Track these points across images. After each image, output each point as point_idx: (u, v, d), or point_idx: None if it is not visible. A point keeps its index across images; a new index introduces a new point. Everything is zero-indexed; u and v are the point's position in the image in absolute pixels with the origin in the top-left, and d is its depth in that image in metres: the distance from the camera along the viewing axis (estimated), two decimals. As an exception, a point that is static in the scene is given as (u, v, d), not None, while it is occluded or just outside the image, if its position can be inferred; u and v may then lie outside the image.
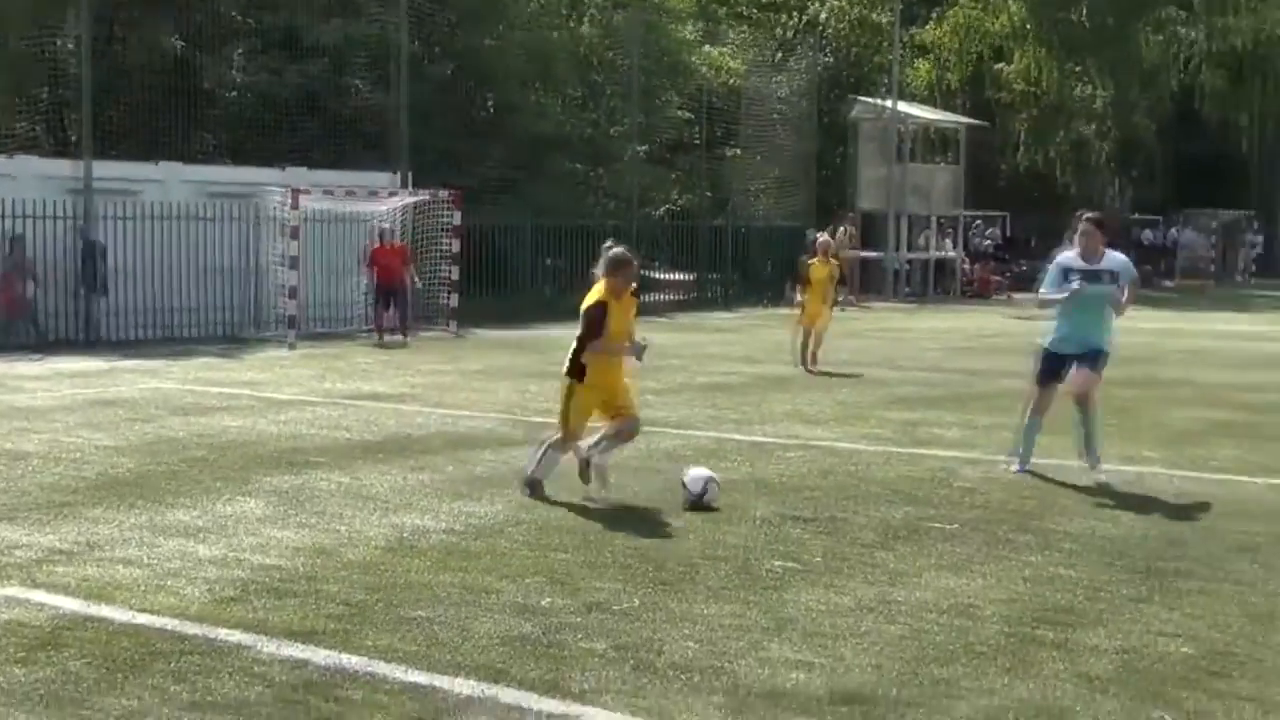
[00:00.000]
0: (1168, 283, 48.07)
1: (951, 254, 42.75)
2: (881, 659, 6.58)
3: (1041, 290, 11.71)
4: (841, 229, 35.08)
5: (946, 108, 46.87)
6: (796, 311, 20.40)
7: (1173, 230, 53.13)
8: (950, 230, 43.39)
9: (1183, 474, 11.68)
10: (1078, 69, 49.90)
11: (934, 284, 41.75)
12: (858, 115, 42.10)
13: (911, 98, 45.74)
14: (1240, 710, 5.97)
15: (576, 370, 10.41)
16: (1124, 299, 11.44)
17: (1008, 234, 48.43)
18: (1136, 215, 53.88)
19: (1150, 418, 14.77)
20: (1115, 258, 11.53)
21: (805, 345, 19.77)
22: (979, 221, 45.96)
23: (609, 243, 10.73)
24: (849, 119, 42.63)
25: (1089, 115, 51.06)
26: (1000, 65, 49.58)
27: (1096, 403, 11.56)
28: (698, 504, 9.96)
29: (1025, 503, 10.37)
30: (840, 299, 27.11)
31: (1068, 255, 11.53)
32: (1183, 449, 12.99)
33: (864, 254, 39.67)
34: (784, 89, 41.63)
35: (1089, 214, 11.67)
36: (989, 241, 45.52)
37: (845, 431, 13.99)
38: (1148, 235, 51.91)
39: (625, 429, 10.54)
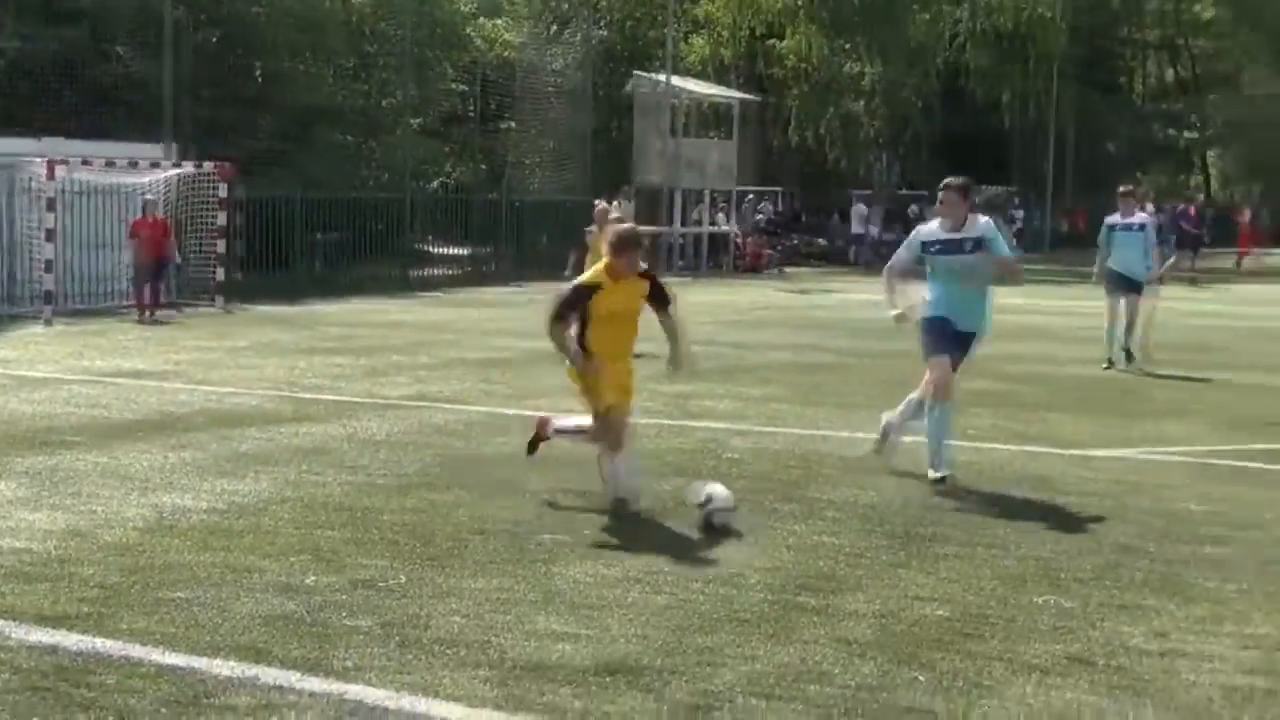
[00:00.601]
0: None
1: (725, 228, 43.29)
2: (647, 629, 6.63)
3: (893, 262, 10.62)
4: (615, 203, 35.21)
5: (721, 83, 47.43)
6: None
7: (938, 204, 54.61)
8: (724, 205, 43.93)
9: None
10: (847, 47, 50.98)
11: (708, 258, 42.22)
12: (634, 89, 42.30)
13: (687, 73, 46.15)
14: (991, 669, 6.16)
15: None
16: (1000, 267, 10.36)
17: (780, 208, 49.24)
18: (904, 190, 55.25)
19: (914, 388, 15.08)
20: (980, 223, 10.39)
21: None
22: (752, 196, 46.64)
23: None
24: (625, 93, 42.83)
25: (858, 92, 52.20)
26: (773, 42, 50.38)
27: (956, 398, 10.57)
28: (713, 524, 8.66)
29: (790, 473, 10.56)
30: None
31: (929, 227, 10.52)
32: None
33: (642, 228, 39.86)
34: (559, 62, 41.61)
35: (951, 180, 10.51)
36: (762, 216, 46.21)
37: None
38: (914, 210, 53.22)
39: (609, 429, 9.45)
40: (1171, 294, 23.70)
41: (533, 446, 10.27)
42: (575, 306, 9.35)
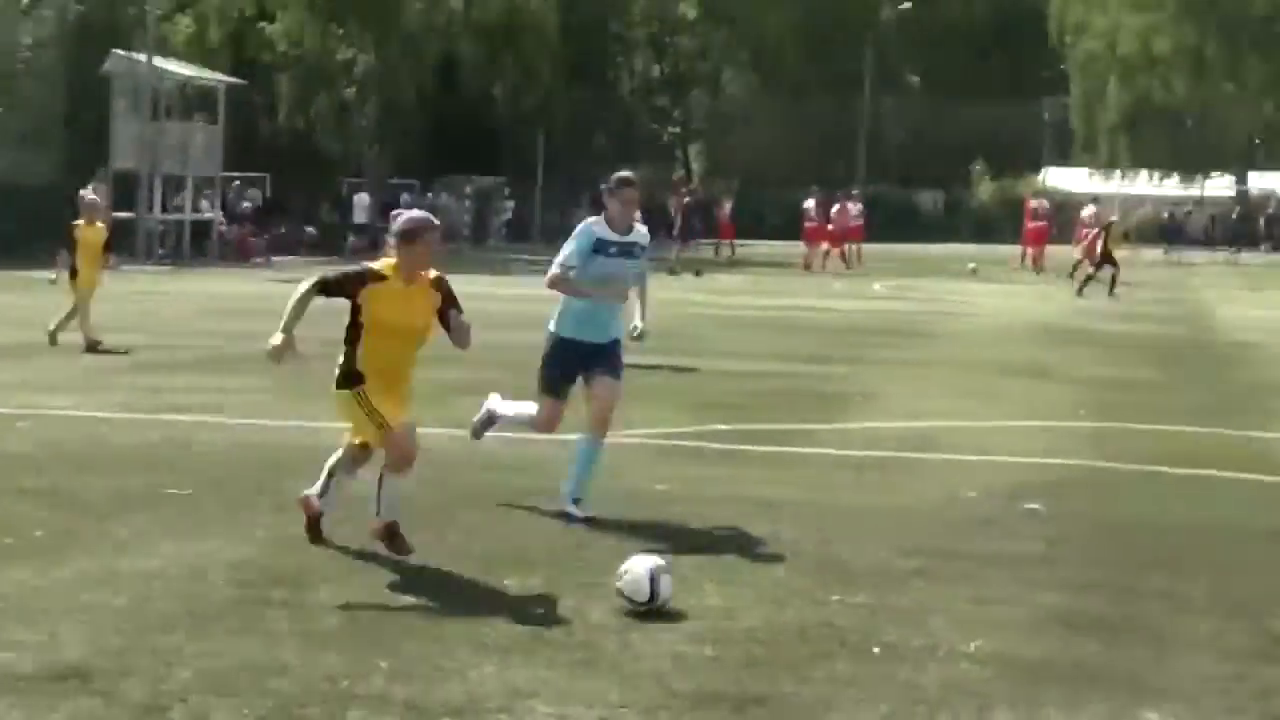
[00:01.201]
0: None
1: (209, 216, 42.14)
2: (101, 632, 6.36)
3: (561, 262, 9.14)
4: (90, 187, 33.62)
5: (209, 65, 46.04)
6: (65, 279, 18.06)
7: (429, 194, 54.99)
8: (209, 191, 42.74)
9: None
10: (340, 32, 50.58)
11: (191, 247, 40.97)
12: (112, 69, 40.49)
13: (171, 53, 44.57)
14: (455, 652, 6.24)
15: (352, 378, 7.89)
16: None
17: (269, 195, 48.38)
18: (396, 179, 55.33)
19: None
20: (642, 230, 9.41)
21: (73, 314, 17.78)
22: (238, 182, 45.60)
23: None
24: (103, 72, 40.94)
25: (351, 79, 51.89)
26: (263, 24, 49.37)
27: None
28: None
29: (265, 465, 10.35)
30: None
31: (598, 225, 9.18)
32: (427, 410, 13.34)
33: (117, 214, 38.23)
34: (30, 38, 39.42)
35: (625, 174, 9.39)
36: (248, 203, 45.23)
37: (85, 400, 13.41)
38: (406, 198, 53.40)
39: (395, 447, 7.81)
40: (658, 284, 24.63)
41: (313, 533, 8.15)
42: (346, 286, 7.78)
